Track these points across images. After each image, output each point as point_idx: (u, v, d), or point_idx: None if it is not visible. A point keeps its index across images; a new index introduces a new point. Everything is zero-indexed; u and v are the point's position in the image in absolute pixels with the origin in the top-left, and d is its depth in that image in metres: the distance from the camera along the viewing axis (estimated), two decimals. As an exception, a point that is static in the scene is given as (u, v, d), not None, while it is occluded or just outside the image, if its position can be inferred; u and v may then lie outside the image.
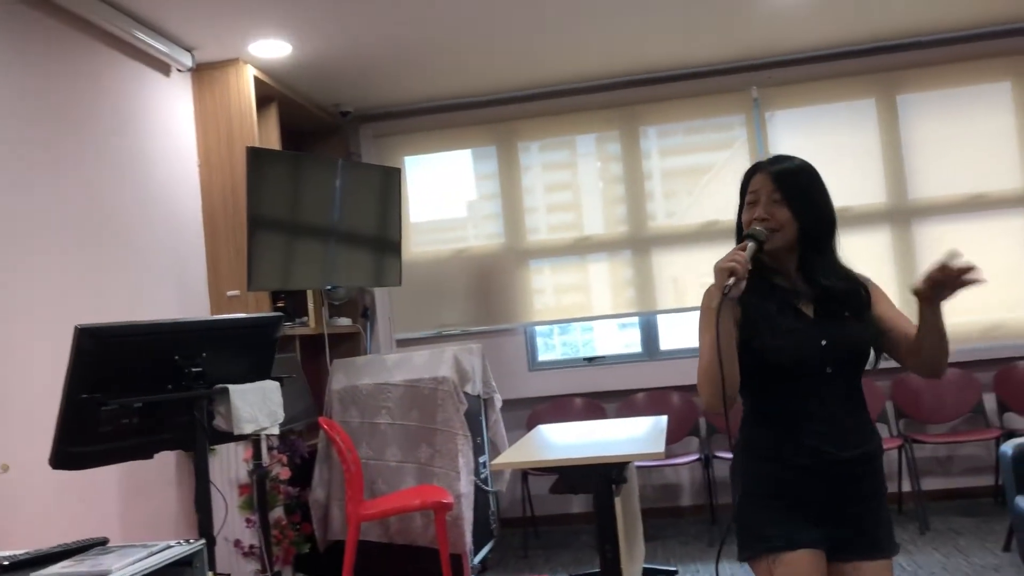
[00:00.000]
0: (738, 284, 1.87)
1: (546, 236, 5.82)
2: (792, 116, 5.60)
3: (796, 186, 2.03)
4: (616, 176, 5.76)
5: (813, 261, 2.05)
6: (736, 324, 2.00)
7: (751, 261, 1.95)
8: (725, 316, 1.91)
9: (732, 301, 1.92)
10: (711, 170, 5.67)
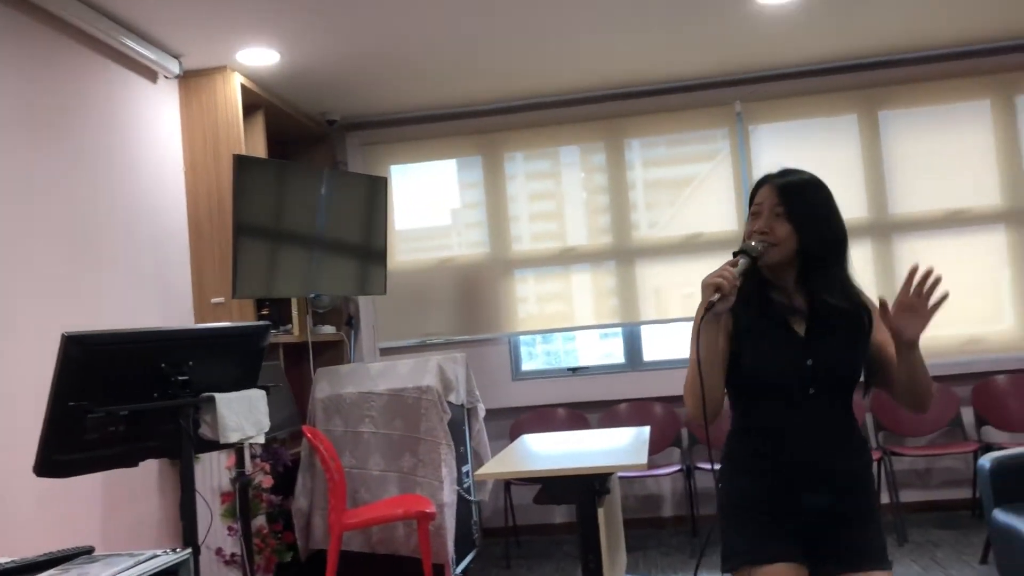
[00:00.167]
0: (724, 300, 1.86)
1: (530, 246, 5.85)
2: (775, 130, 5.65)
3: (800, 201, 2.00)
4: (600, 186, 5.80)
5: (814, 278, 2.00)
6: (728, 336, 2.01)
7: (748, 273, 1.95)
8: (709, 330, 1.92)
9: (719, 316, 1.92)
10: (694, 181, 5.71)
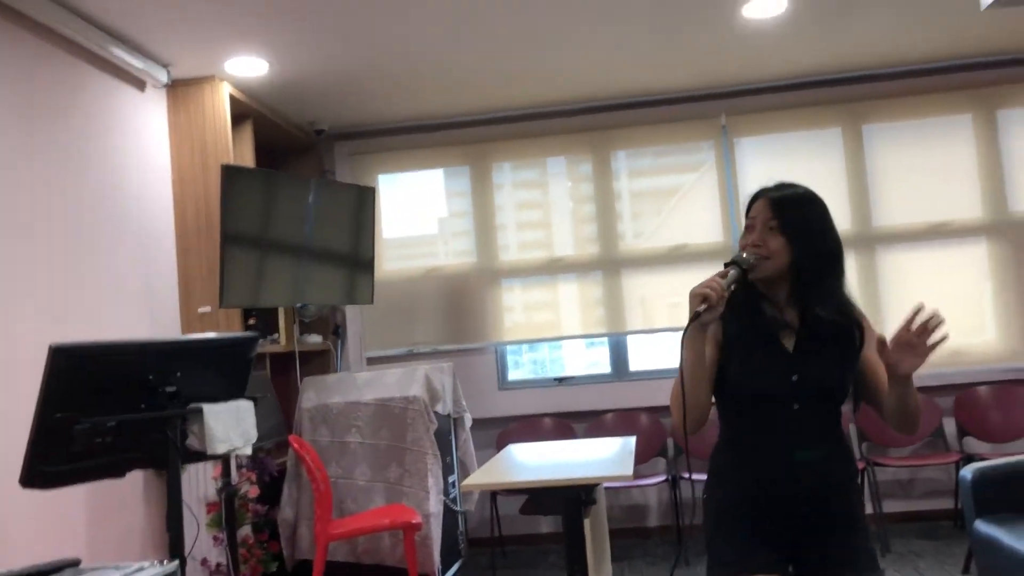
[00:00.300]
0: (711, 311, 1.86)
1: (517, 255, 5.87)
2: (760, 143, 5.70)
3: (794, 215, 2.00)
4: (586, 196, 5.83)
5: (805, 292, 2.00)
6: (718, 346, 2.03)
7: (741, 285, 1.96)
8: (695, 340, 1.92)
9: (705, 326, 1.92)
10: (679, 192, 5.75)
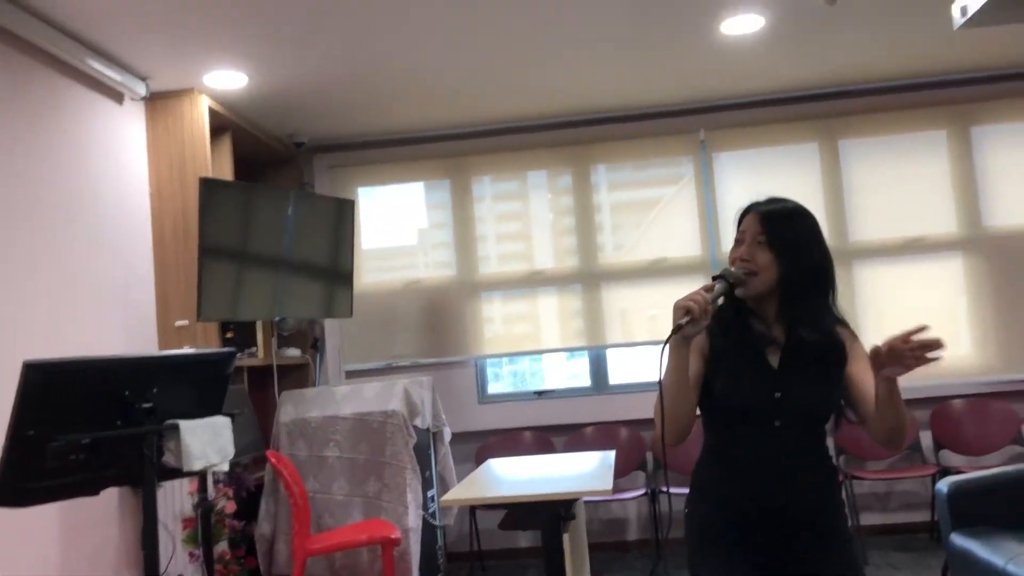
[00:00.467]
0: (694, 324, 1.84)
1: (497, 267, 5.87)
2: (738, 158, 5.74)
3: (782, 230, 1.98)
4: (566, 208, 5.85)
5: (793, 308, 2.00)
6: (704, 360, 2.02)
7: (729, 301, 1.97)
8: (678, 353, 1.90)
9: (688, 339, 1.90)
10: (659, 204, 5.78)
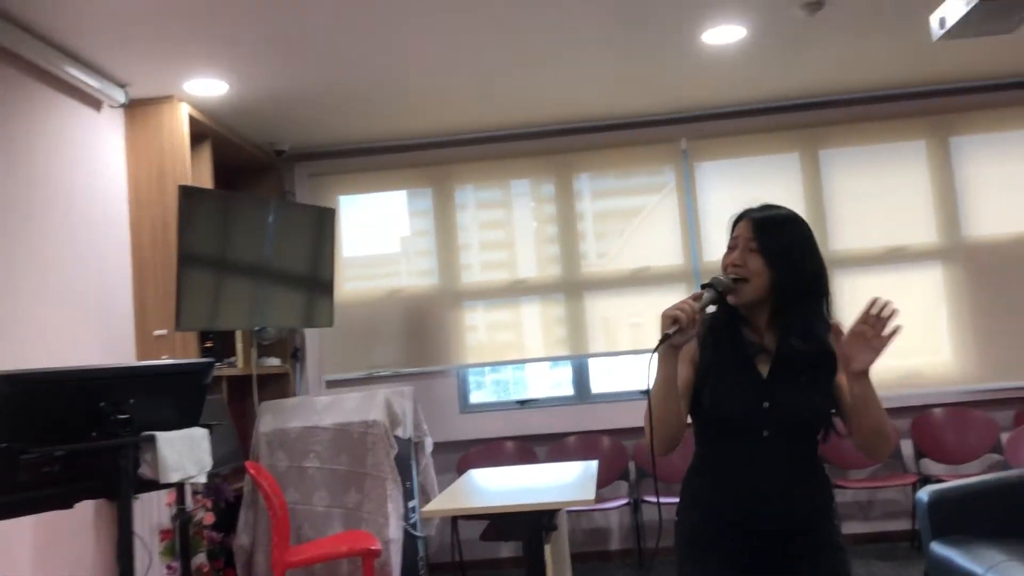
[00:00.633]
0: (682, 333, 1.84)
1: (480, 276, 5.85)
2: (720, 167, 5.76)
3: (775, 236, 1.97)
4: (549, 216, 5.84)
5: (785, 316, 1.98)
6: (695, 368, 2.01)
7: (722, 309, 1.96)
8: (666, 362, 1.89)
9: (676, 348, 1.89)
10: (642, 212, 5.79)
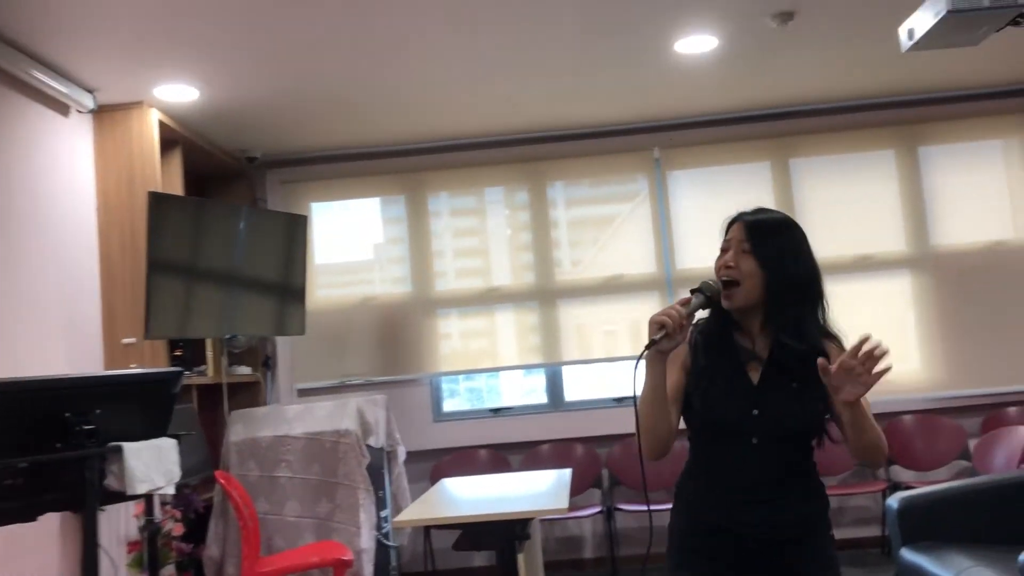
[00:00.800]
0: (669, 339, 1.83)
1: (454, 284, 5.84)
2: (692, 176, 5.79)
3: (767, 239, 1.96)
4: (523, 223, 5.85)
5: (778, 322, 1.96)
6: (686, 374, 2.01)
7: (715, 314, 1.96)
8: (654, 368, 1.89)
9: (664, 354, 1.88)
10: (615, 220, 5.81)
